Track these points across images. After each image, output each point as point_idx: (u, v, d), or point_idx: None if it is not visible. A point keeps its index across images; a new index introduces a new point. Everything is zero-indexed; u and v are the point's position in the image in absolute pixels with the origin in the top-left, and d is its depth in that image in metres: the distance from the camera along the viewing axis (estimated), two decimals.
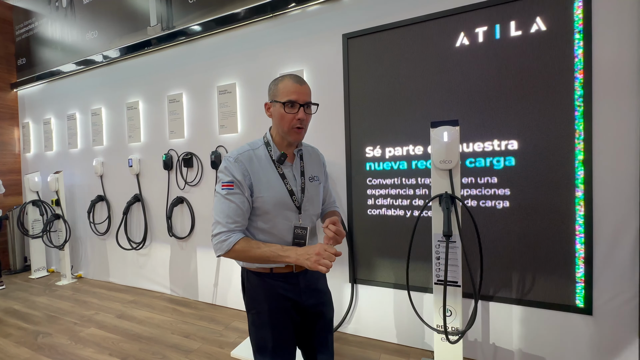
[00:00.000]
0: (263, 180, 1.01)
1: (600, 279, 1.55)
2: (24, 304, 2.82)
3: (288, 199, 1.04)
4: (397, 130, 1.94)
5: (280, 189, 1.03)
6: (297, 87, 1.00)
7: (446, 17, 1.79)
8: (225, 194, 0.97)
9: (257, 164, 1.02)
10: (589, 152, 1.54)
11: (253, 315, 1.07)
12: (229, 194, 0.97)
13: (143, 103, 2.99)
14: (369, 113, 2.01)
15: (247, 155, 1.02)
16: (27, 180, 3.59)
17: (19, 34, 3.98)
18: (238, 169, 0.98)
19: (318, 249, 0.90)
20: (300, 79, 1.03)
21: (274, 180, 1.03)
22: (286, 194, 1.03)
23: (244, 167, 0.99)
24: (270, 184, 1.02)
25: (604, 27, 1.50)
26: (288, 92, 0.99)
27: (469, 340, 1.80)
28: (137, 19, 2.91)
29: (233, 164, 0.99)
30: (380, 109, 1.98)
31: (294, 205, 1.05)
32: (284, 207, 1.03)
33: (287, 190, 1.04)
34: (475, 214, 1.72)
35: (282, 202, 1.02)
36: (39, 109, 3.92)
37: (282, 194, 1.03)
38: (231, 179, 0.98)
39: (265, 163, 1.04)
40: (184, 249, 2.82)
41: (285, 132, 1.03)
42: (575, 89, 1.55)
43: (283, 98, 1.00)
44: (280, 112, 1.00)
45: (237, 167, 0.99)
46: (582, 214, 1.56)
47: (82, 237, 3.55)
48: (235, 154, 1.02)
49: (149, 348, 2.04)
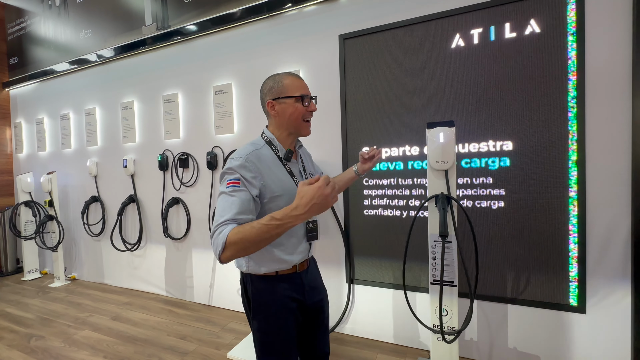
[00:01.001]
0: (275, 179, 0.99)
1: (593, 278, 1.57)
2: (17, 307, 2.78)
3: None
4: (393, 131, 1.95)
5: (292, 187, 1.02)
6: (303, 83, 1.05)
7: (442, 18, 1.80)
8: (230, 190, 0.90)
9: (265, 163, 0.99)
10: (582, 152, 1.56)
11: (260, 320, 1.04)
12: (234, 191, 0.90)
13: (138, 103, 2.97)
14: (366, 113, 2.02)
15: (255, 154, 0.98)
16: (19, 181, 3.53)
17: (10, 32, 3.92)
18: (248, 168, 0.93)
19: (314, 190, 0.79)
20: (298, 75, 1.07)
21: (285, 178, 1.02)
22: (296, 190, 1.01)
23: (255, 166, 0.95)
24: (282, 183, 1.01)
25: (596, 30, 1.53)
26: (299, 87, 1.02)
27: (465, 339, 1.82)
28: (132, 18, 2.88)
29: (243, 163, 0.93)
30: (376, 109, 1.99)
31: None
32: None
33: (297, 187, 1.02)
34: (471, 214, 1.74)
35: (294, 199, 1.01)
36: (31, 108, 3.86)
37: (293, 192, 1.00)
38: (237, 177, 0.91)
39: (273, 162, 1.02)
40: (179, 250, 2.80)
41: (297, 126, 1.04)
42: (568, 91, 1.57)
43: (295, 92, 1.02)
44: (292, 107, 1.02)
45: (247, 167, 0.93)
46: (575, 213, 1.58)
47: (76, 238, 3.51)
48: (244, 153, 0.96)
49: (144, 350, 2.02)
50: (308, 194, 0.79)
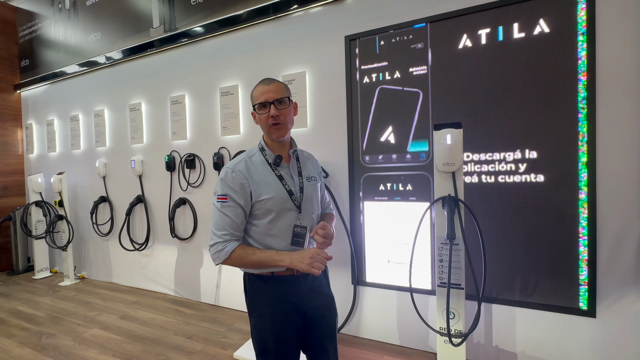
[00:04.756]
0: (262, 184, 1.04)
1: (603, 282, 1.55)
2: (28, 305, 2.84)
3: (288, 199, 1.06)
4: (398, 132, 1.94)
5: (279, 190, 1.06)
6: (265, 88, 1.06)
7: (449, 18, 1.79)
8: (220, 207, 1.02)
9: (254, 169, 1.06)
10: (592, 154, 1.53)
11: (255, 318, 1.09)
12: (223, 207, 1.02)
13: (146, 104, 3.00)
14: (371, 114, 2.01)
15: (243, 164, 1.06)
16: (30, 181, 3.60)
17: (22, 35, 4.00)
18: (235, 179, 1.02)
19: (312, 253, 0.98)
20: (269, 79, 1.09)
21: (272, 182, 1.06)
22: (285, 194, 1.06)
23: (242, 175, 1.03)
24: (270, 187, 1.05)
25: (607, 29, 1.50)
26: (258, 96, 1.07)
27: (472, 342, 1.80)
28: (139, 21, 2.92)
29: (230, 174, 1.03)
30: (382, 110, 1.98)
31: (294, 205, 1.07)
32: (284, 207, 1.05)
33: (286, 190, 1.07)
34: (478, 215, 1.72)
35: (282, 202, 1.05)
36: (42, 110, 3.93)
37: (281, 195, 1.05)
38: (225, 193, 1.02)
39: (262, 167, 1.08)
40: (186, 250, 2.83)
41: (267, 132, 1.09)
42: (578, 91, 1.55)
43: (255, 102, 1.08)
44: (260, 115, 1.07)
45: (234, 178, 1.02)
46: (585, 216, 1.56)
47: (85, 238, 3.57)
48: (232, 164, 1.06)
49: (152, 349, 2.05)
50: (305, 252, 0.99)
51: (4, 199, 3.85)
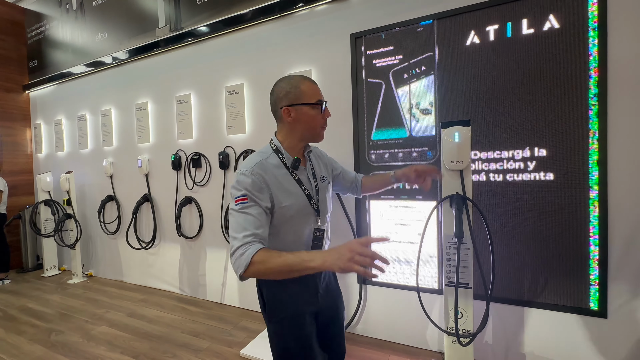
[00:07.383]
0: (282, 189, 0.97)
1: (615, 282, 1.52)
2: (37, 302, 2.88)
3: (307, 204, 1.02)
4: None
5: (300, 195, 1.01)
6: (318, 87, 1.02)
7: (456, 15, 1.76)
8: (240, 208, 0.90)
9: (272, 172, 0.97)
10: (603, 151, 1.50)
11: (275, 325, 1.03)
12: (244, 208, 0.90)
13: (152, 104, 3.02)
14: (377, 111, 2.00)
15: (260, 165, 0.96)
16: (39, 181, 3.65)
17: (30, 36, 4.05)
18: (255, 181, 0.92)
19: (351, 245, 0.77)
20: (311, 79, 1.05)
21: (292, 187, 1.00)
22: (305, 199, 1.01)
23: (261, 178, 0.93)
24: (290, 192, 0.99)
25: (620, 24, 1.47)
26: (315, 93, 1.00)
27: (480, 342, 1.78)
28: (145, 21, 2.93)
29: (249, 176, 0.93)
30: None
31: (313, 209, 1.03)
32: (305, 212, 1.01)
33: (306, 195, 1.02)
34: (487, 214, 1.70)
35: (303, 207, 1.00)
36: (50, 110, 3.98)
37: (302, 200, 1.00)
38: (244, 193, 0.91)
39: (280, 171, 1.00)
40: (192, 248, 2.85)
41: (314, 134, 1.03)
42: (589, 88, 1.52)
43: (312, 99, 0.99)
44: (310, 114, 0.99)
45: (253, 180, 0.92)
46: (596, 215, 1.53)
47: (92, 236, 3.61)
48: (249, 166, 0.95)
49: (159, 347, 2.07)
50: (341, 248, 0.79)
51: (14, 198, 3.91)
